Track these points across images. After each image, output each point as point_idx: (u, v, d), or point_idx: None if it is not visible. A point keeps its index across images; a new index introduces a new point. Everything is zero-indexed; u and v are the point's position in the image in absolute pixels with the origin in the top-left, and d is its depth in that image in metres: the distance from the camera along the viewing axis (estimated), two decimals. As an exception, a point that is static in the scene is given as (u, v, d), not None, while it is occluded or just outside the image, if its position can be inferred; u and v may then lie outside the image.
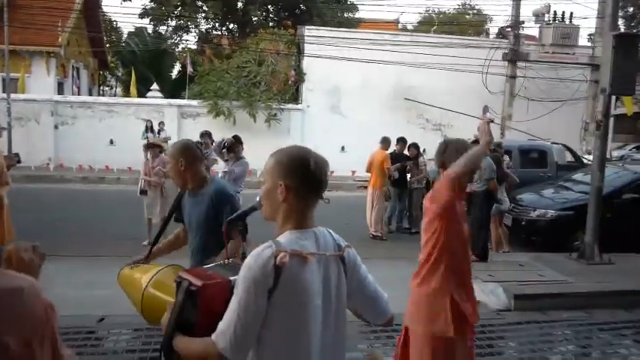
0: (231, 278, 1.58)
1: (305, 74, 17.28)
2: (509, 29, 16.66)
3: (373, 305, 1.69)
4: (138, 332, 4.37)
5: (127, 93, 25.29)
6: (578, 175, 9.37)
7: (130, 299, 2.60)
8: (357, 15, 27.74)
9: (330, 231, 1.65)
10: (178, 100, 17.53)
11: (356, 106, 16.89)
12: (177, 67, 29.68)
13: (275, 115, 16.40)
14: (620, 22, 31.13)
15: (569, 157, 12.61)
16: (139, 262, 2.81)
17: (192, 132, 15.77)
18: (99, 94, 24.92)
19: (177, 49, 27.83)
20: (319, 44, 16.40)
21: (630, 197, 7.73)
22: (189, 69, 17.71)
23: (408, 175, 9.20)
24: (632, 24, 34.47)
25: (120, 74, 27.78)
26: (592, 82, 16.25)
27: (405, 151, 9.40)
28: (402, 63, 16.34)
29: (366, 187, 9.04)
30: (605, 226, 6.87)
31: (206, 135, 8.00)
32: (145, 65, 23.79)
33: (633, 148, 23.65)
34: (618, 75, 6.33)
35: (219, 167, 8.43)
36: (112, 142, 15.70)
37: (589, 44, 18.46)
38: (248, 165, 7.07)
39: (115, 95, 27.68)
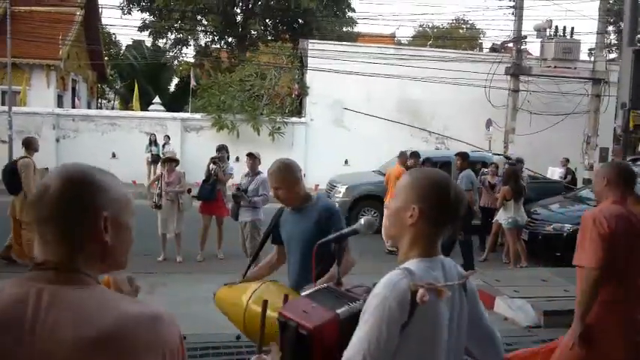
0: (339, 312, 1.51)
1: (308, 88, 17.32)
2: (510, 44, 16.84)
3: (489, 343, 1.61)
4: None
5: (125, 106, 25.18)
6: (585, 192, 9.36)
7: (230, 317, 2.58)
8: (355, 29, 27.94)
9: (451, 260, 1.58)
10: (181, 113, 17.47)
11: (359, 119, 16.93)
12: (175, 81, 29.69)
13: (279, 128, 16.39)
14: (613, 36, 31.65)
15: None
16: (234, 283, 2.77)
17: (195, 145, 15.79)
18: (97, 107, 24.80)
19: (175, 63, 27.81)
20: (322, 58, 16.48)
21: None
22: (192, 82, 17.69)
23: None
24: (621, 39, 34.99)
25: (118, 87, 27.66)
26: (593, 96, 16.44)
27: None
28: (405, 77, 16.45)
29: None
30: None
31: (223, 149, 7.92)
32: (143, 78, 23.74)
33: (630, 160, 23.90)
34: (638, 89, 6.39)
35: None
36: (114, 155, 15.58)
37: (589, 59, 18.72)
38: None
39: (113, 108, 27.54)
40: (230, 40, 25.51)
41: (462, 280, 1.51)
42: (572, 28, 15.91)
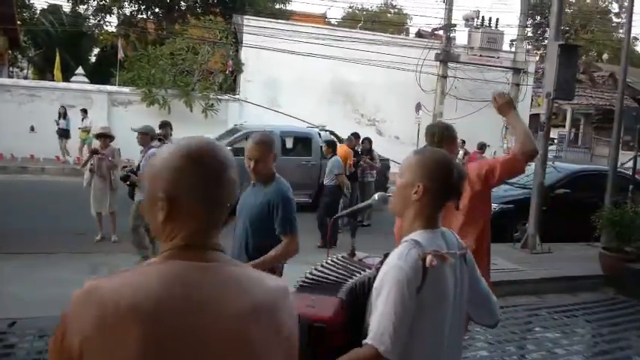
0: (341, 296, 1.59)
1: (243, 65, 17.03)
2: (440, 31, 17.50)
3: (486, 306, 1.77)
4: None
5: (40, 76, 23.37)
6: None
7: None
8: (288, 7, 27.65)
9: (452, 231, 1.72)
10: (108, 86, 16.53)
11: (294, 98, 16.93)
12: (95, 51, 27.88)
13: (212, 105, 16.02)
14: (529, 29, 33.73)
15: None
16: None
17: (123, 120, 15.01)
18: (9, 76, 22.78)
19: (96, 32, 26.07)
20: (258, 35, 16.25)
21: (562, 192, 8.50)
22: (120, 54, 16.75)
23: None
24: (539, 32, 37.44)
25: (32, 55, 25.52)
26: (513, 84, 17.54)
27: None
28: (339, 58, 16.62)
29: None
30: (540, 219, 7.55)
31: (167, 126, 7.68)
32: (61, 47, 22.07)
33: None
34: (562, 81, 6.96)
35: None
36: (32, 129, 14.51)
37: (510, 49, 19.88)
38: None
39: (26, 78, 25.42)
40: (157, 10, 24.33)
41: (463, 250, 1.67)
42: (497, 20, 16.83)
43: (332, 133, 12.17)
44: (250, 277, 1.06)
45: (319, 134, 11.23)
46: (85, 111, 14.26)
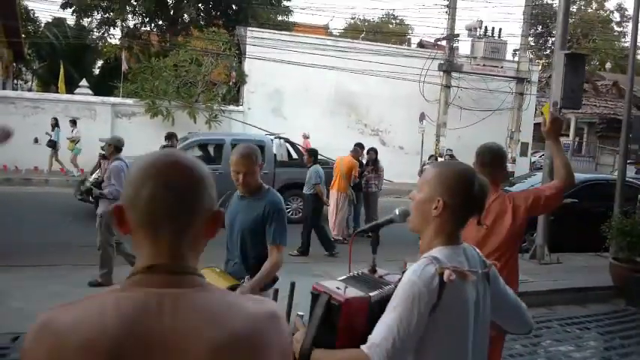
0: (371, 294, 1.55)
1: (247, 76, 17.07)
2: (443, 41, 17.54)
3: (517, 316, 1.71)
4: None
5: (45, 88, 23.49)
6: (516, 186, 9.98)
7: None
8: (291, 19, 27.80)
9: (474, 247, 1.66)
10: (112, 98, 16.58)
11: (297, 109, 16.95)
12: (99, 63, 28.04)
13: (216, 116, 16.04)
14: (530, 39, 33.85)
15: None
16: None
17: (126, 132, 15.01)
18: (13, 89, 22.91)
19: (100, 44, 26.25)
20: (261, 46, 16.31)
21: (570, 202, 8.41)
22: (124, 66, 16.82)
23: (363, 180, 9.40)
24: (540, 41, 37.58)
25: (36, 67, 25.68)
26: (517, 94, 17.53)
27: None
28: (342, 69, 16.66)
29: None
30: (549, 229, 7.47)
31: (173, 137, 7.67)
32: (65, 59, 22.21)
33: (543, 154, 25.78)
34: (568, 90, 6.92)
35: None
36: (36, 140, 14.51)
37: (513, 59, 19.90)
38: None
39: (30, 90, 25.56)
40: (160, 23, 24.49)
41: (487, 268, 1.59)
42: (500, 29, 16.87)
43: (287, 141, 11.82)
44: (226, 304, 0.94)
45: (272, 141, 10.76)
46: (73, 122, 14.21)
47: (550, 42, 34.77)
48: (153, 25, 24.78)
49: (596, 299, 6.15)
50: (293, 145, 12.02)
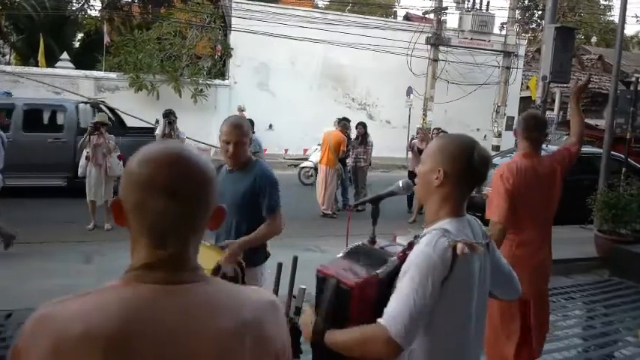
0: (378, 272, 1.55)
1: (232, 49, 16.79)
2: (431, 14, 17.38)
3: (509, 284, 1.76)
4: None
5: (24, 62, 22.83)
6: (497, 159, 10.00)
7: None
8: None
9: (476, 219, 1.68)
10: (94, 71, 16.21)
11: (284, 83, 16.78)
12: (79, 36, 27.27)
13: (201, 90, 15.81)
14: (517, 12, 33.67)
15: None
16: None
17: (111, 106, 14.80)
18: (-10, 62, 22.24)
19: (80, 16, 25.48)
20: (247, 19, 16.00)
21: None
22: (106, 39, 16.39)
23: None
24: (527, 15, 37.40)
25: (14, 41, 24.88)
26: (504, 68, 17.53)
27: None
28: (329, 42, 16.47)
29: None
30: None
31: (171, 114, 7.57)
32: (44, 32, 21.55)
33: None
34: (557, 64, 6.94)
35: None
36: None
37: (501, 32, 19.83)
38: None
39: (8, 64, 24.81)
40: (142, -7, 23.82)
41: (487, 239, 1.64)
42: (488, 3, 16.74)
43: (97, 106, 10.26)
44: (230, 295, 0.95)
45: (77, 107, 9.40)
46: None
47: (536, 15, 34.66)
48: (134, -5, 24.11)
49: (581, 270, 6.30)
50: (112, 110, 10.63)
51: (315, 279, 1.59)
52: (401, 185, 1.81)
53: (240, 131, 2.66)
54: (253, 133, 7.96)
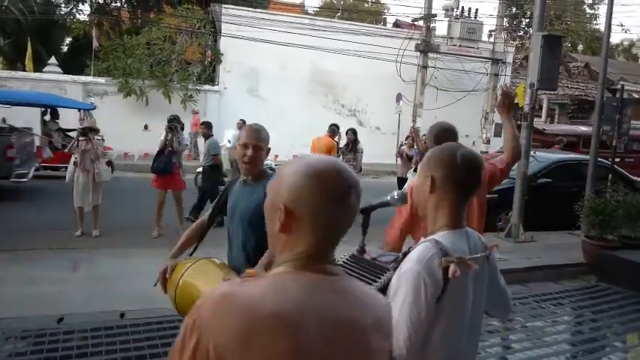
0: (373, 287, 1.52)
1: (222, 55, 16.77)
2: (420, 21, 17.50)
3: (503, 301, 1.72)
4: (99, 332, 4.05)
5: (11, 66, 22.60)
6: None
7: (168, 294, 2.44)
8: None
9: (474, 231, 1.66)
10: (82, 76, 16.09)
11: (274, 89, 16.78)
12: (67, 40, 27.08)
13: (191, 96, 15.75)
14: (505, 20, 34.04)
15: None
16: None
17: (99, 112, 14.67)
18: (-24, 66, 21.99)
19: (68, 20, 25.29)
20: (237, 24, 16.00)
21: (544, 181, 8.61)
22: (95, 43, 16.30)
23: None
24: (514, 22, 37.81)
25: (1, 44, 24.63)
26: (492, 75, 17.70)
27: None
28: (319, 48, 16.50)
29: None
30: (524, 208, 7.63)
31: (175, 120, 7.51)
32: (32, 36, 21.36)
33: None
34: (545, 71, 7.01)
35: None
36: (4, 120, 14.01)
37: (489, 40, 20.02)
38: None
39: (-5, 68, 24.53)
40: (132, -1, 23.73)
41: (487, 252, 1.60)
42: (477, 10, 16.91)
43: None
44: (367, 292, 1.09)
45: None
46: None
47: (524, 23, 35.07)
48: (124, 0, 24.01)
49: (569, 276, 6.35)
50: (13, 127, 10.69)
51: None
52: (396, 196, 1.80)
53: (258, 135, 2.55)
54: (211, 136, 8.09)
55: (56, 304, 4.57)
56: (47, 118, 13.03)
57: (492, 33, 19.23)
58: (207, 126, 8.30)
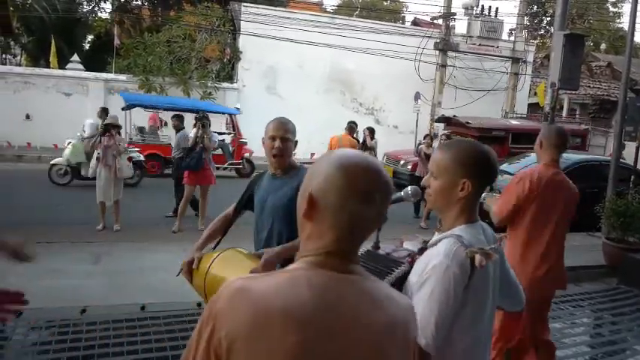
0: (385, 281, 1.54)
1: (241, 52, 16.87)
2: (439, 20, 17.39)
3: (514, 294, 1.78)
4: (120, 324, 4.14)
5: (35, 63, 23.06)
6: (504, 165, 9.91)
7: (193, 285, 2.48)
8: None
9: (484, 223, 1.69)
10: (104, 73, 16.35)
11: (292, 87, 16.83)
12: (89, 38, 27.51)
13: (210, 93, 15.89)
14: (525, 19, 33.62)
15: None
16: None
17: (120, 108, 14.91)
18: (2, 63, 22.49)
19: (90, 18, 25.70)
20: (256, 22, 16.09)
21: (564, 182, 8.49)
22: (117, 41, 16.54)
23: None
24: (535, 21, 37.32)
25: (25, 42, 25.14)
26: (512, 74, 17.50)
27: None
28: (337, 46, 16.51)
29: None
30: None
31: (204, 117, 7.62)
32: (55, 34, 21.75)
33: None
34: (567, 70, 6.92)
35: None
36: (28, 116, 14.34)
37: (509, 39, 19.81)
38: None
39: (19, 65, 25.07)
40: (152, -3, 24.01)
41: (498, 242, 1.66)
42: (497, 8, 16.73)
43: None
44: (385, 294, 1.07)
45: None
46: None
47: (545, 22, 34.59)
48: (144, -2, 24.32)
49: (589, 278, 6.27)
50: None
51: None
52: (410, 192, 1.82)
53: (286, 127, 2.55)
54: (182, 129, 8.11)
55: (78, 296, 4.67)
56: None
57: (513, 32, 19.03)
58: (179, 119, 8.38)
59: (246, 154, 13.09)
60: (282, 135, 2.52)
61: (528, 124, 13.62)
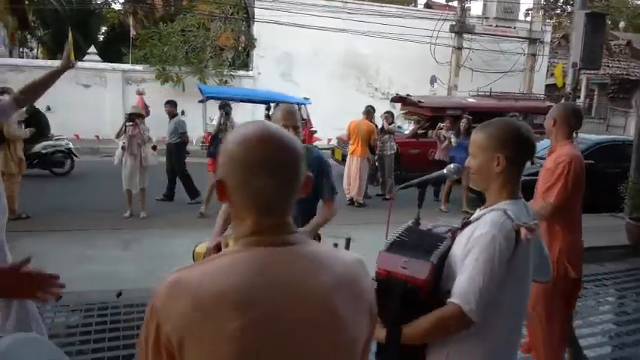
0: (432, 259, 1.58)
1: (256, 40, 16.89)
2: (454, 2, 17.19)
3: (545, 266, 1.83)
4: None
5: (52, 56, 23.27)
6: None
7: None
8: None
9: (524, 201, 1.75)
10: (122, 64, 16.50)
11: (307, 73, 16.82)
12: (103, 29, 27.66)
13: (226, 82, 15.97)
14: (542, -2, 32.98)
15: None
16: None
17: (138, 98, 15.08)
18: (19, 56, 22.77)
19: (104, 9, 25.85)
20: (270, 9, 16.06)
21: (586, 163, 8.41)
22: (132, 31, 16.66)
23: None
24: (552, 0, 36.58)
25: (41, 35, 25.39)
26: (529, 55, 17.28)
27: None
28: (352, 31, 16.43)
29: None
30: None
31: (227, 105, 7.73)
32: (70, 26, 21.92)
33: (554, 117, 25.53)
34: (588, 50, 6.87)
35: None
36: (49, 108, 14.53)
37: (526, 19, 19.52)
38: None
39: (36, 58, 25.36)
40: (165, -14, 24.03)
41: (535, 220, 1.70)
42: (513, -12, 16.47)
43: None
44: (328, 255, 1.04)
45: None
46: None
47: (561, 1, 33.91)
48: (157, -12, 24.32)
49: (613, 258, 6.28)
50: None
51: (376, 281, 1.57)
52: (452, 169, 1.89)
53: (294, 116, 2.74)
54: (177, 115, 8.31)
55: (112, 280, 4.83)
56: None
57: (529, 12, 18.73)
58: (172, 104, 8.48)
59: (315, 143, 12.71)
60: (293, 124, 2.67)
61: (487, 102, 12.85)
